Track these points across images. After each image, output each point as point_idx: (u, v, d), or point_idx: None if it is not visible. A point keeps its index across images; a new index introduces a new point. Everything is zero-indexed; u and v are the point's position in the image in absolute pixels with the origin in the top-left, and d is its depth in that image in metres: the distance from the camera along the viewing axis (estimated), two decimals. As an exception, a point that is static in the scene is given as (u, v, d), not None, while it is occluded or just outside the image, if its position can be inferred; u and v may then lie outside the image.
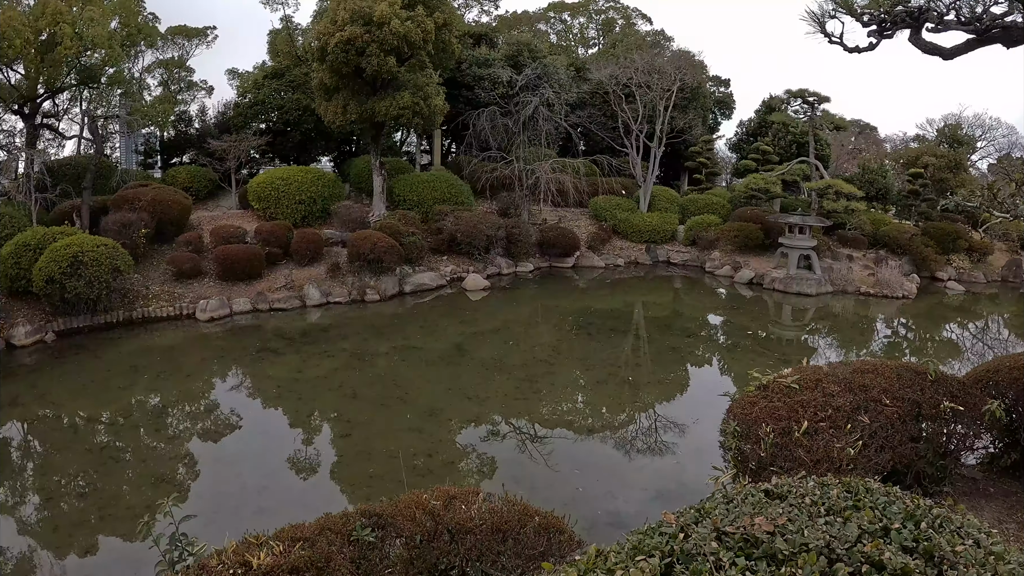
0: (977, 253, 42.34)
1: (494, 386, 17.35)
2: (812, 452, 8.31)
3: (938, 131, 62.80)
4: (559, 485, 11.97)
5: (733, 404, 9.46)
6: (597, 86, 41.04)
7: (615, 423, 15.66)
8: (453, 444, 13.86)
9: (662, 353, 21.90)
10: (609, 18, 60.76)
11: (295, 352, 18.97)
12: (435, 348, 20.23)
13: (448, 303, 26.05)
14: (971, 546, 3.92)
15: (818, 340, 25.97)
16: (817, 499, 4.39)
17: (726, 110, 54.29)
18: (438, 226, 30.25)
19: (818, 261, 33.85)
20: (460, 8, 50.15)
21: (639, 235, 38.46)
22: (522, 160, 35.16)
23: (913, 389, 9.52)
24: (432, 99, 29.87)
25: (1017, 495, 10.15)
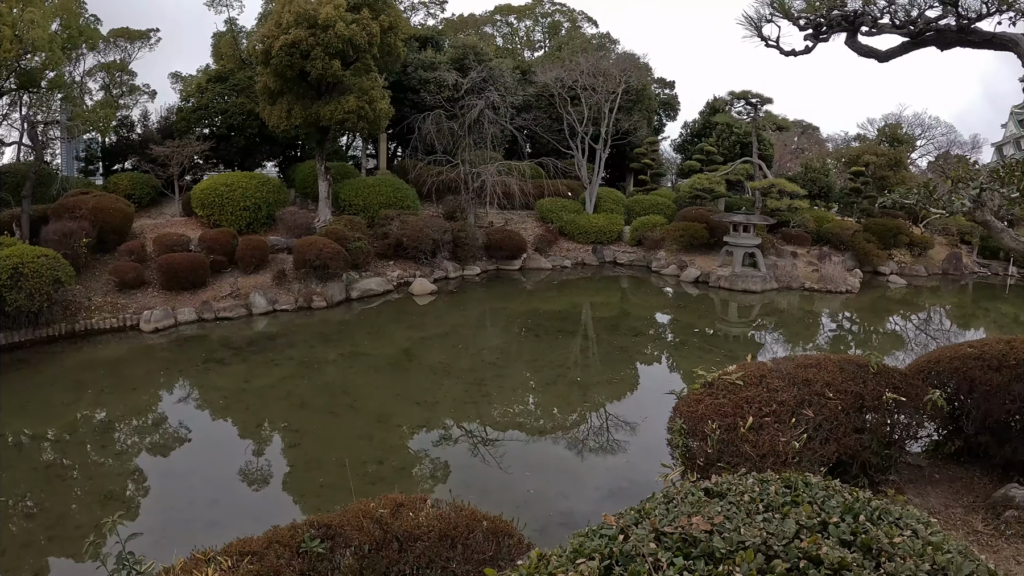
0: (918, 247, 43.72)
1: (443, 391, 17.35)
2: (758, 447, 8.42)
3: (879, 130, 64.40)
4: (511, 487, 12.00)
5: (679, 402, 9.52)
6: (543, 88, 41.19)
7: (566, 423, 15.76)
8: (404, 450, 13.82)
9: (610, 353, 22.12)
10: (555, 21, 61.06)
11: (242, 362, 18.74)
12: (383, 354, 20.16)
13: (395, 308, 25.94)
14: (909, 537, 3.97)
15: (765, 336, 26.48)
16: (756, 496, 4.42)
17: (671, 112, 54.91)
18: (384, 231, 30.08)
19: (763, 258, 34.53)
20: (406, 11, 49.97)
21: (586, 236, 38.83)
22: (468, 163, 35.24)
23: (856, 382, 9.72)
24: (377, 103, 29.75)
25: (962, 480, 10.41)
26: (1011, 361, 10.55)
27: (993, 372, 10.46)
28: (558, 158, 39.81)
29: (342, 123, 29.29)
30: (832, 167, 57.33)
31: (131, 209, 27.23)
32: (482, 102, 35.95)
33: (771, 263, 35.59)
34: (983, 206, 8.86)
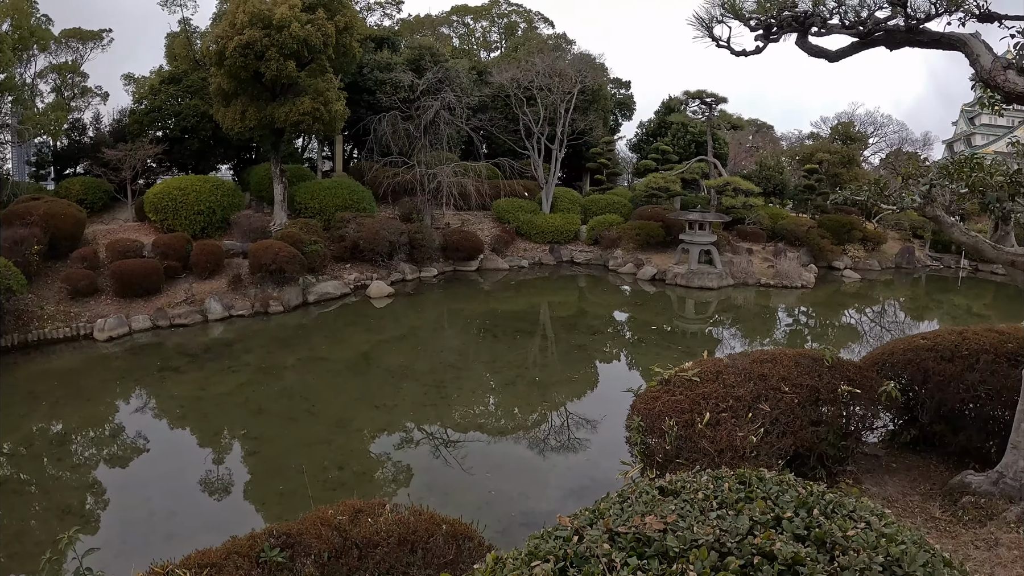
0: (871, 242, 44.69)
1: (402, 394, 17.36)
2: (716, 442, 8.53)
3: (832, 129, 65.49)
4: (473, 489, 12.07)
5: (637, 400, 9.59)
6: (499, 89, 41.28)
7: (527, 423, 15.87)
8: (364, 455, 13.82)
9: (569, 352, 22.27)
10: (512, 21, 61.18)
11: (198, 369, 18.53)
12: (341, 358, 20.11)
13: (353, 312, 25.85)
14: (863, 529, 3.98)
15: (722, 332, 26.84)
16: (710, 493, 4.42)
17: (627, 111, 55.40)
18: (340, 233, 29.95)
19: (719, 255, 34.96)
20: (362, 11, 49.78)
21: (542, 236, 39.01)
22: (424, 164, 35.20)
23: (811, 375, 9.91)
24: (333, 104, 29.64)
25: (919, 469, 10.63)
26: (963, 352, 10.82)
27: (946, 363, 10.71)
28: (514, 158, 40.01)
29: (297, 125, 29.10)
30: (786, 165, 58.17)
31: (83, 215, 26.77)
32: (438, 103, 35.96)
33: (727, 260, 36.08)
34: (933, 202, 9.06)
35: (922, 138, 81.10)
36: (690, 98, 45.36)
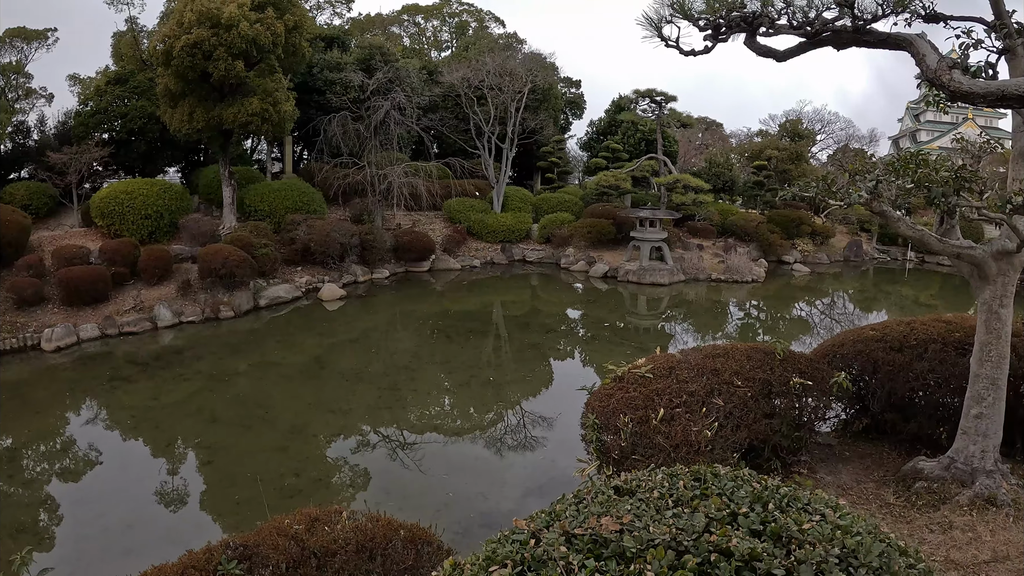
0: (820, 237, 45.68)
1: (357, 397, 17.34)
2: (671, 437, 8.59)
3: (780, 126, 66.45)
4: (432, 491, 12.10)
5: (591, 397, 9.68)
6: (449, 89, 41.16)
7: (483, 423, 16.00)
8: (321, 460, 13.79)
9: (523, 351, 22.44)
10: (463, 21, 60.99)
11: (149, 378, 18.28)
12: (294, 363, 20.00)
13: (305, 315, 25.70)
14: (819, 522, 3.99)
15: (675, 327, 27.21)
16: (665, 491, 4.41)
17: (577, 110, 55.61)
18: (291, 236, 29.71)
19: (670, 252, 35.40)
20: (312, 10, 49.26)
21: (494, 235, 39.11)
22: (374, 165, 34.97)
23: (763, 369, 10.06)
24: (282, 105, 29.34)
25: (872, 456, 10.89)
26: (912, 342, 11.15)
27: (895, 353, 11.02)
28: (465, 158, 39.90)
29: (246, 126, 28.78)
30: (736, 162, 58.99)
31: (28, 221, 26.15)
32: (388, 103, 35.74)
33: (678, 256, 36.58)
34: (880, 197, 9.24)
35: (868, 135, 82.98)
36: (640, 97, 45.74)
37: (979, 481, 9.37)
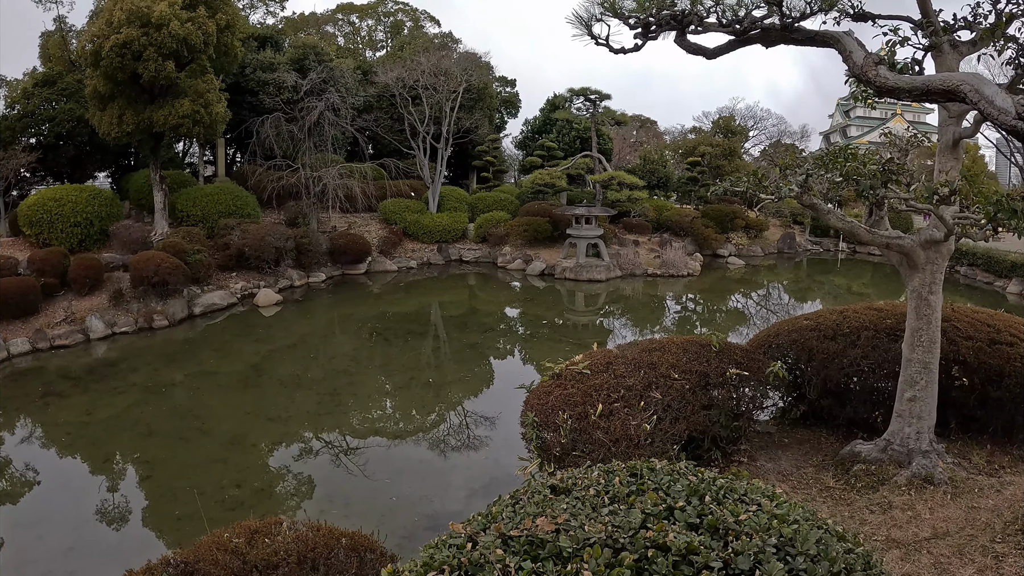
0: (754, 230, 46.99)
1: (296, 404, 17.26)
2: (610, 433, 8.79)
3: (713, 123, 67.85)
4: (375, 497, 12.13)
5: (530, 395, 9.89)
6: (384, 89, 41.19)
7: (425, 425, 16.10)
8: (262, 470, 13.70)
9: (462, 351, 22.66)
10: (398, 20, 60.82)
11: (83, 392, 17.85)
12: (231, 371, 19.84)
13: (241, 322, 25.40)
14: (755, 512, 4.02)
15: (613, 322, 27.68)
16: (601, 488, 4.39)
17: (512, 109, 55.97)
18: (225, 241, 29.30)
19: (606, 248, 36.00)
20: (244, 9, 48.64)
21: (430, 236, 39.28)
22: (308, 167, 34.79)
23: (700, 361, 10.32)
24: (213, 106, 28.93)
25: (811, 442, 11.25)
26: (845, 329, 11.58)
27: (829, 341, 11.44)
28: (400, 159, 39.90)
29: (177, 128, 28.30)
30: (670, 158, 60.09)
31: (-49, 231, 25.41)
32: (322, 104, 35.51)
33: (614, 252, 37.19)
34: (810, 190, 9.50)
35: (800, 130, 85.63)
36: (574, 95, 46.40)
37: (916, 461, 9.70)
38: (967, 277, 40.59)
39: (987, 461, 10.44)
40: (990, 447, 10.87)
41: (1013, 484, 9.58)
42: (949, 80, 5.46)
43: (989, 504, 8.91)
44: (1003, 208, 6.91)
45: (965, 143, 10.38)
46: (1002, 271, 38.18)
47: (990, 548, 7.77)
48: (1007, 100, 4.51)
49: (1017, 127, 4.41)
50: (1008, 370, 10.80)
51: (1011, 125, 4.44)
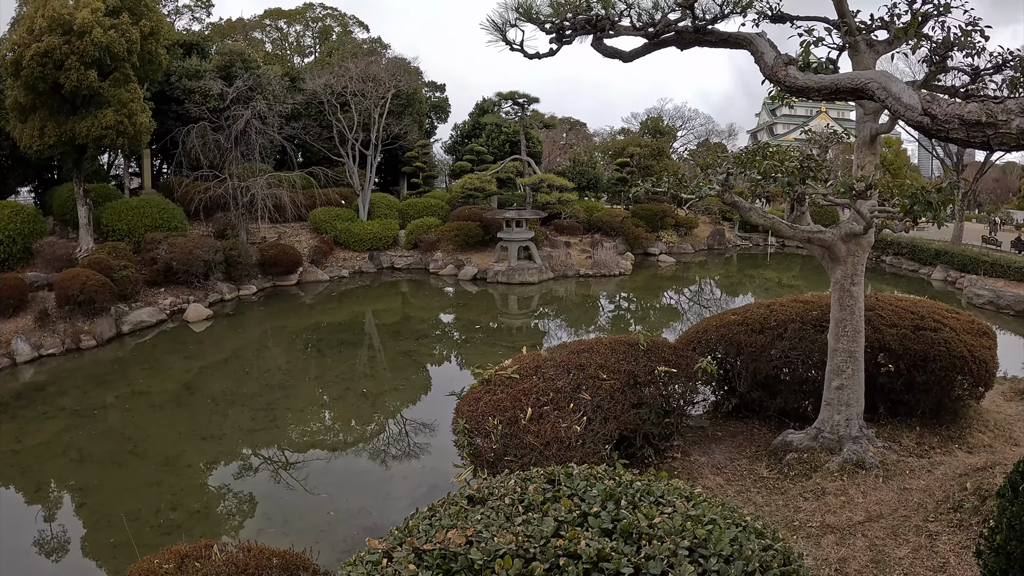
0: (684, 228, 48.37)
1: (230, 421, 17.17)
2: (541, 436, 8.89)
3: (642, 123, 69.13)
4: (314, 512, 12.08)
5: (460, 402, 10.02)
6: (312, 96, 41.15)
7: (363, 436, 16.19)
8: (198, 491, 13.57)
9: (397, 359, 22.75)
10: (326, 26, 60.43)
11: (11, 419, 17.31)
12: (163, 390, 19.56)
13: (171, 339, 25.04)
14: (669, 515, 4.01)
15: (548, 324, 28.16)
16: (516, 497, 4.38)
17: (442, 114, 56.26)
18: (152, 256, 28.81)
19: (537, 251, 36.53)
20: (170, 15, 47.80)
21: (361, 244, 39.32)
22: (236, 177, 34.38)
23: (628, 361, 10.50)
24: (138, 116, 28.38)
25: (743, 434, 11.56)
26: (772, 323, 11.97)
27: (756, 334, 11.81)
28: (330, 166, 39.85)
29: (100, 140, 27.70)
30: (600, 160, 60.99)
31: None
32: (249, 112, 35.24)
33: (546, 254, 37.75)
34: (731, 188, 9.83)
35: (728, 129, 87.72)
36: (503, 99, 46.80)
37: (847, 447, 10.08)
38: (893, 266, 42.53)
39: (917, 443, 10.85)
40: (919, 429, 11.30)
41: (943, 464, 9.97)
42: (858, 79, 5.65)
43: (921, 485, 9.23)
44: (918, 201, 7.44)
45: (889, 138, 10.94)
46: (926, 259, 40.15)
47: (924, 527, 8.07)
48: (913, 97, 4.68)
49: (923, 122, 4.56)
50: (932, 354, 11.24)
51: (917, 121, 4.61)
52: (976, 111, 4.14)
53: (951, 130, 4.31)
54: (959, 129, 4.24)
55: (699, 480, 10.11)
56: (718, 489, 9.78)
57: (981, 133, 4.10)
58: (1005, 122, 3.98)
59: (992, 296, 30.56)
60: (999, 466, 9.06)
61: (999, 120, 3.99)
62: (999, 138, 4.03)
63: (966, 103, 4.26)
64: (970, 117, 4.15)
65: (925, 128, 4.53)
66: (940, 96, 4.53)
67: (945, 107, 4.34)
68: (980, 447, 11.12)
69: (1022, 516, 4.92)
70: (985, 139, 4.12)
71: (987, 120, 4.05)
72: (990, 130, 4.04)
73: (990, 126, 4.04)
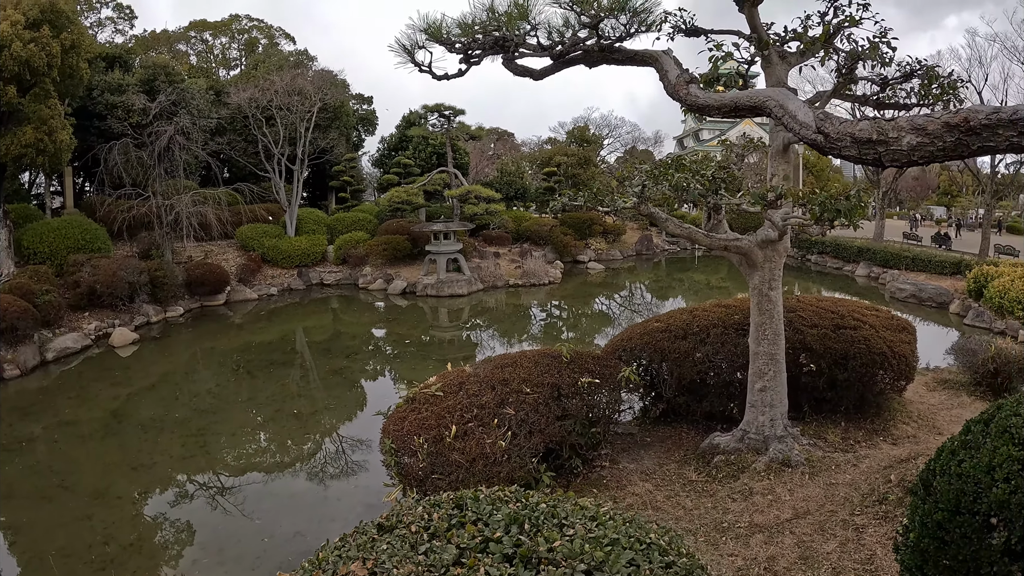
0: (612, 234, 49.37)
1: (161, 449, 16.91)
2: (466, 453, 9.00)
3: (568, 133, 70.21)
4: (248, 540, 11.98)
5: (386, 422, 10.07)
6: (237, 110, 40.71)
7: (298, 457, 16.15)
8: (131, 523, 13.38)
9: (328, 377, 22.73)
10: (252, 38, 59.83)
11: None
12: (90, 419, 19.23)
13: (97, 365, 24.52)
14: (569, 539, 4.01)
15: (480, 335, 28.53)
16: (422, 525, 4.35)
17: (370, 127, 56.37)
18: (75, 279, 28.15)
19: (466, 262, 37.00)
20: (92, 27, 46.91)
21: (290, 260, 39.18)
22: (160, 195, 33.80)
23: (551, 373, 10.64)
24: (58, 134, 27.85)
25: (672, 439, 11.81)
26: (695, 328, 12.30)
27: (680, 340, 12.13)
28: (256, 182, 39.53)
29: (19, 159, 27.09)
30: (528, 169, 61.69)
31: None
32: (172, 127, 34.61)
33: (475, 265, 38.19)
34: (647, 200, 10.20)
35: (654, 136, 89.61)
36: (429, 111, 47.04)
37: (772, 447, 10.40)
38: (818, 264, 44.27)
39: (842, 438, 11.28)
40: (844, 424, 11.76)
41: (868, 457, 10.29)
42: (757, 96, 5.76)
43: (847, 479, 9.51)
44: (828, 209, 7.83)
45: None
46: (850, 256, 42.01)
47: (850, 521, 8.28)
48: (808, 115, 4.73)
49: (817, 140, 4.59)
50: (853, 352, 11.76)
51: (811, 139, 4.65)
52: (867, 129, 4.19)
53: (843, 148, 4.36)
54: (851, 147, 4.29)
55: (628, 487, 10.34)
56: (647, 495, 10.00)
57: (872, 150, 4.15)
58: (896, 139, 4.02)
59: (914, 290, 32.26)
60: (922, 456, 9.29)
61: (890, 137, 4.05)
62: (890, 155, 4.06)
63: (858, 121, 4.30)
64: (861, 135, 4.21)
65: (819, 146, 4.60)
66: (833, 115, 4.57)
67: (837, 125, 4.41)
68: (904, 438, 11.57)
69: (934, 514, 5.07)
70: (877, 156, 4.14)
71: (878, 138, 4.10)
72: (881, 147, 4.09)
73: (881, 143, 4.09)
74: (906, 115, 4.23)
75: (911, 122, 3.96)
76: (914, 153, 3.97)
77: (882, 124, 4.10)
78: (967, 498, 4.89)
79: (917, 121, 3.90)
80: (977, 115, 3.63)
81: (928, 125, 3.83)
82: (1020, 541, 4.57)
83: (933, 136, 3.81)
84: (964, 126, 3.68)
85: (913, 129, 3.93)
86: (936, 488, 5.21)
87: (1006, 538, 4.60)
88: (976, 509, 4.82)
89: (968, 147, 3.74)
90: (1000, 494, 4.67)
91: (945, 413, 13.40)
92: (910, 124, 3.96)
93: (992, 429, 5.15)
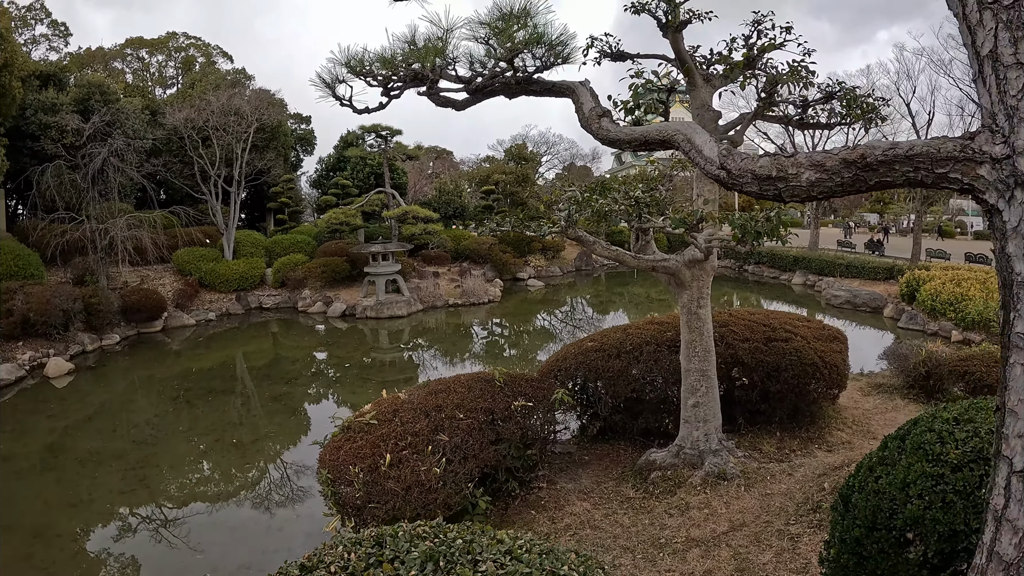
0: (551, 251, 49.99)
1: (99, 483, 16.75)
2: (401, 481, 9.06)
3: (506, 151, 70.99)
4: (194, 573, 11.96)
5: (323, 451, 10.11)
6: (173, 131, 40.15)
7: (240, 487, 16.11)
8: (74, 561, 13.25)
9: (269, 404, 22.57)
10: (189, 56, 58.95)
11: None
12: (25, 454, 18.85)
13: (32, 397, 23.99)
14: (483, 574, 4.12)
15: (422, 355, 28.69)
16: (341, 565, 4.37)
17: (308, 147, 56.20)
18: (8, 307, 27.50)
19: (405, 283, 37.14)
20: (26, 44, 45.79)
21: (227, 284, 38.71)
22: (94, 219, 33.18)
23: (485, 398, 10.76)
24: (-13, 157, 27.25)
25: (610, 456, 11.94)
26: (628, 347, 12.47)
27: (614, 359, 12.28)
28: (192, 204, 39.21)
29: (-53, 185, 26.52)
30: (466, 188, 62.06)
31: None
32: (106, 149, 34.14)
33: (414, 286, 38.35)
34: (574, 225, 10.44)
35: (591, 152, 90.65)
36: (366, 132, 47.17)
37: (708, 461, 10.62)
38: (755, 274, 45.42)
39: (777, 448, 11.51)
40: (780, 434, 12.00)
41: (803, 466, 10.58)
42: (665, 130, 5.81)
43: (782, 489, 9.74)
44: (748, 231, 8.08)
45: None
46: (786, 265, 43.23)
47: (786, 531, 8.48)
48: (713, 150, 4.73)
49: (720, 176, 4.60)
50: (784, 364, 12.04)
51: (715, 174, 4.65)
52: (767, 165, 4.19)
53: (745, 184, 4.38)
54: (752, 183, 4.30)
55: (566, 507, 10.52)
56: (585, 515, 10.18)
57: (773, 187, 4.17)
58: (795, 175, 4.04)
59: (849, 296, 33.45)
60: (855, 463, 9.45)
61: (789, 174, 4.06)
62: (790, 191, 4.11)
63: (759, 158, 4.37)
64: (761, 172, 4.21)
65: (722, 181, 4.61)
66: (736, 151, 4.63)
67: (739, 162, 4.43)
68: (839, 444, 11.87)
69: (852, 531, 5.20)
70: (777, 192, 4.19)
71: (778, 174, 4.12)
72: (781, 184, 4.11)
73: (781, 180, 4.11)
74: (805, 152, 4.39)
75: (810, 158, 4.04)
76: (813, 189, 4.03)
77: (782, 161, 4.15)
78: (883, 514, 5.11)
79: (815, 158, 4.03)
80: (874, 151, 3.77)
81: (826, 161, 3.95)
82: (936, 555, 4.77)
83: (831, 172, 3.93)
84: (861, 162, 3.78)
85: (812, 166, 4.00)
86: (855, 504, 5.43)
87: (923, 552, 4.85)
88: (892, 525, 5.05)
89: (866, 182, 3.87)
90: (915, 510, 4.92)
91: (880, 417, 13.73)
92: (809, 160, 4.03)
93: (907, 445, 5.39)
